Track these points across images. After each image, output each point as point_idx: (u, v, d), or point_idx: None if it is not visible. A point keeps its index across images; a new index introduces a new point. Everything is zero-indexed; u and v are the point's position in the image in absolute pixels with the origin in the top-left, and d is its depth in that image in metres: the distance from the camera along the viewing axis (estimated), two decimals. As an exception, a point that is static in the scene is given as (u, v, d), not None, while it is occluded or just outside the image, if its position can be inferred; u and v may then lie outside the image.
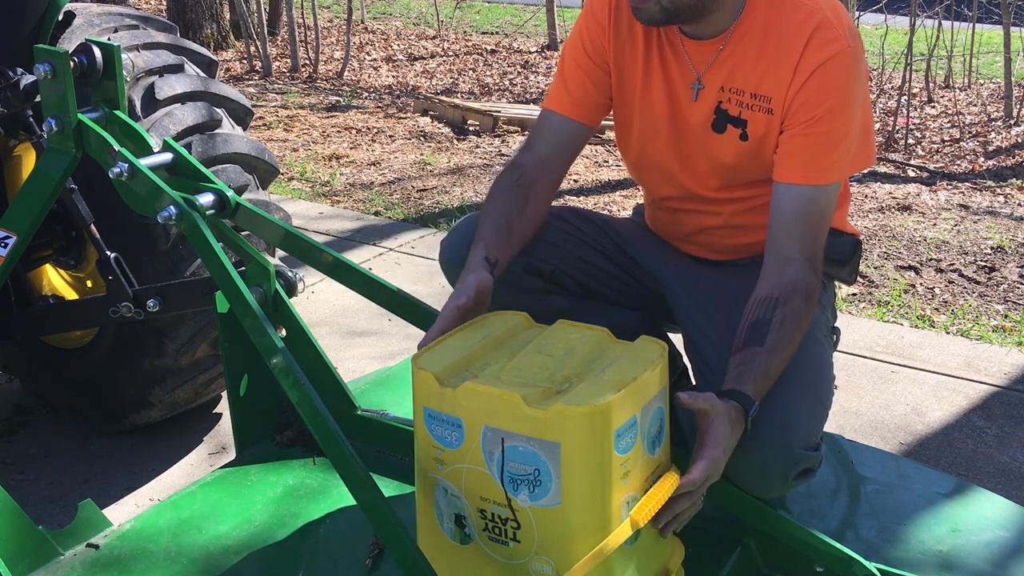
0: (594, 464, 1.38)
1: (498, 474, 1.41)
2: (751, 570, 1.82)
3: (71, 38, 2.49)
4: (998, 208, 5.08)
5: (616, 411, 1.37)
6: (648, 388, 1.46)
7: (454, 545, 1.53)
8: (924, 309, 3.85)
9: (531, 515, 1.41)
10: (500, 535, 1.45)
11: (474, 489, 1.45)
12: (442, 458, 1.48)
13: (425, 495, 1.54)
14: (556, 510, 1.39)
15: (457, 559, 1.52)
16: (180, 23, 9.11)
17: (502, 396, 1.39)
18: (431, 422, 1.48)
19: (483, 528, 1.47)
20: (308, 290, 3.87)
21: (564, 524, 1.39)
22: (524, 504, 1.41)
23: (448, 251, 1.95)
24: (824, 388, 1.76)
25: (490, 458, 1.42)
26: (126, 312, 2.40)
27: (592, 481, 1.38)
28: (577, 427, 1.35)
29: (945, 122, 6.84)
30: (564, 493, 1.38)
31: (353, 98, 7.96)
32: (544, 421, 1.36)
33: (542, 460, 1.38)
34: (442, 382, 1.44)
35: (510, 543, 1.44)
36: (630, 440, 1.42)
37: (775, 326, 1.65)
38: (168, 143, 1.90)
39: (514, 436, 1.39)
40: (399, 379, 2.55)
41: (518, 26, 11.45)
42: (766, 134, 1.79)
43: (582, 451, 1.37)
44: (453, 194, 5.40)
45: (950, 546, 1.86)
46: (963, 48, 7.70)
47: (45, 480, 2.67)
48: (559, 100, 1.94)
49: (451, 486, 1.49)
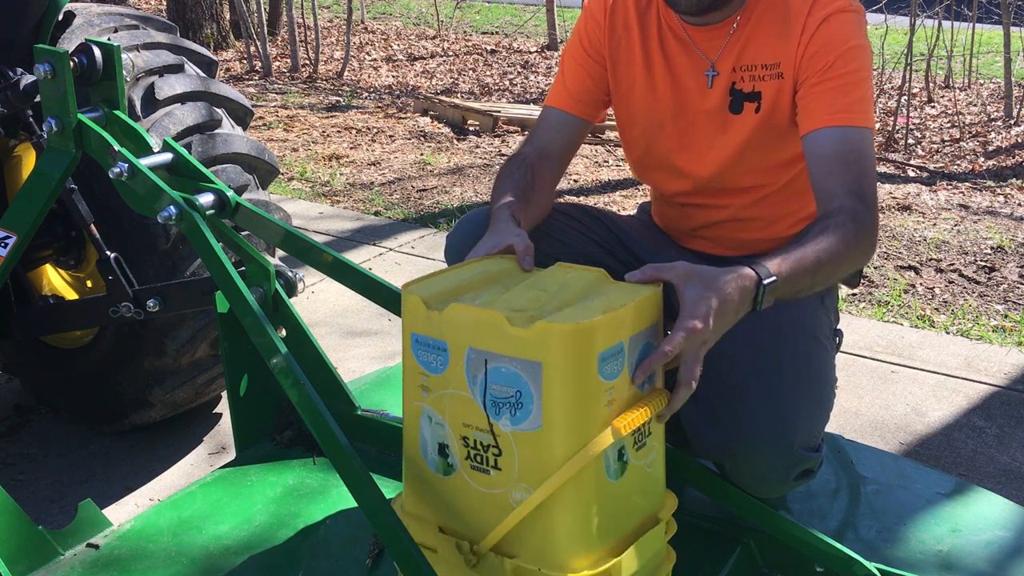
0: (576, 386, 1.35)
1: (481, 398, 1.40)
2: (751, 570, 1.82)
3: (71, 38, 2.49)
4: (998, 208, 5.08)
5: (600, 332, 1.35)
6: (638, 319, 1.42)
7: (438, 477, 1.50)
8: (924, 309, 3.85)
9: (512, 440, 1.38)
10: (482, 463, 1.43)
11: (457, 415, 1.44)
12: (427, 384, 1.47)
13: (411, 426, 1.52)
14: (537, 434, 1.36)
15: (441, 492, 1.50)
16: (180, 23, 9.11)
17: (486, 316, 1.38)
18: (417, 347, 1.47)
19: (465, 456, 1.44)
20: (308, 290, 3.87)
21: (545, 449, 1.37)
22: (506, 429, 1.39)
23: (454, 245, 1.95)
24: (825, 389, 1.76)
25: (473, 381, 1.40)
26: (126, 312, 2.40)
27: (574, 403, 1.36)
28: (559, 345, 1.33)
29: (945, 122, 6.84)
30: (545, 416, 1.35)
31: (353, 98, 7.96)
32: (527, 340, 1.34)
33: (524, 382, 1.36)
34: (429, 306, 1.43)
35: (491, 471, 1.42)
36: (616, 367, 1.39)
37: (815, 231, 1.59)
38: (168, 143, 1.90)
39: (497, 357, 1.37)
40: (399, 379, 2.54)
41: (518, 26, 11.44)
42: (778, 98, 1.80)
43: (564, 371, 1.34)
44: (453, 194, 5.40)
45: (950, 546, 1.86)
46: (963, 48, 7.70)
47: (45, 480, 2.67)
48: (558, 96, 1.99)
49: (435, 414, 1.47)
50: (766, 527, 1.76)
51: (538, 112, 2.07)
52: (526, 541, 1.41)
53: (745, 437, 1.66)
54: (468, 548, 1.45)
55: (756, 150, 1.86)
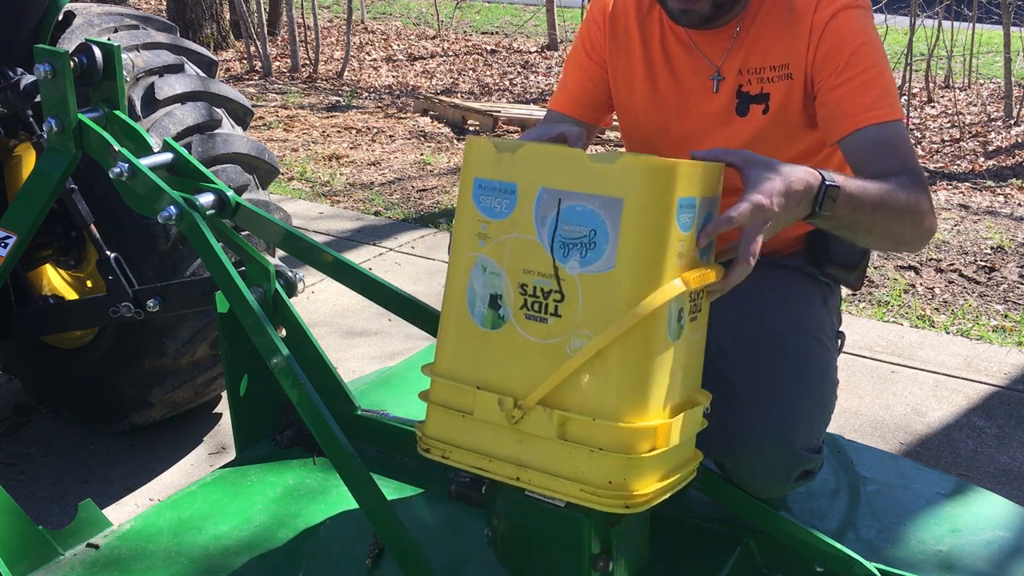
0: (655, 227, 1.33)
1: (548, 240, 1.37)
2: (751, 570, 1.82)
3: (71, 38, 2.49)
4: (998, 208, 5.08)
5: (681, 177, 1.34)
6: (706, 183, 1.41)
7: (483, 332, 1.44)
8: (924, 309, 3.85)
9: (578, 283, 1.35)
10: (539, 311, 1.39)
11: (518, 262, 1.40)
12: (486, 232, 1.43)
13: (458, 279, 1.47)
14: (607, 276, 1.34)
15: (485, 347, 1.44)
16: (180, 23, 9.11)
17: (565, 153, 1.37)
18: (480, 193, 1.43)
19: (521, 306, 1.40)
20: (308, 290, 3.87)
21: (614, 292, 1.33)
22: (572, 272, 1.36)
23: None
24: (827, 391, 1.76)
25: (542, 223, 1.38)
26: (126, 312, 2.40)
27: (649, 244, 1.34)
28: (643, 181, 1.32)
29: (945, 122, 6.84)
30: (619, 256, 1.33)
31: (353, 98, 7.96)
32: (609, 176, 1.33)
33: (600, 219, 1.34)
34: (500, 148, 1.41)
35: (549, 319, 1.38)
36: (688, 220, 1.38)
37: (879, 182, 1.57)
38: (168, 143, 1.90)
39: (573, 195, 1.35)
40: (399, 379, 2.55)
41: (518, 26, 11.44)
42: (788, 99, 1.79)
43: (645, 209, 1.32)
44: (453, 194, 5.40)
45: (950, 546, 1.86)
46: (963, 48, 7.70)
47: (45, 480, 2.67)
48: (559, 99, 1.99)
49: (491, 262, 1.43)
50: (766, 527, 1.76)
51: (538, 112, 2.07)
52: (579, 392, 1.37)
53: (746, 437, 1.66)
54: (511, 404, 1.39)
55: (761, 151, 1.86)
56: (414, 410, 2.30)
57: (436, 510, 1.98)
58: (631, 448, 1.34)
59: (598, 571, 1.54)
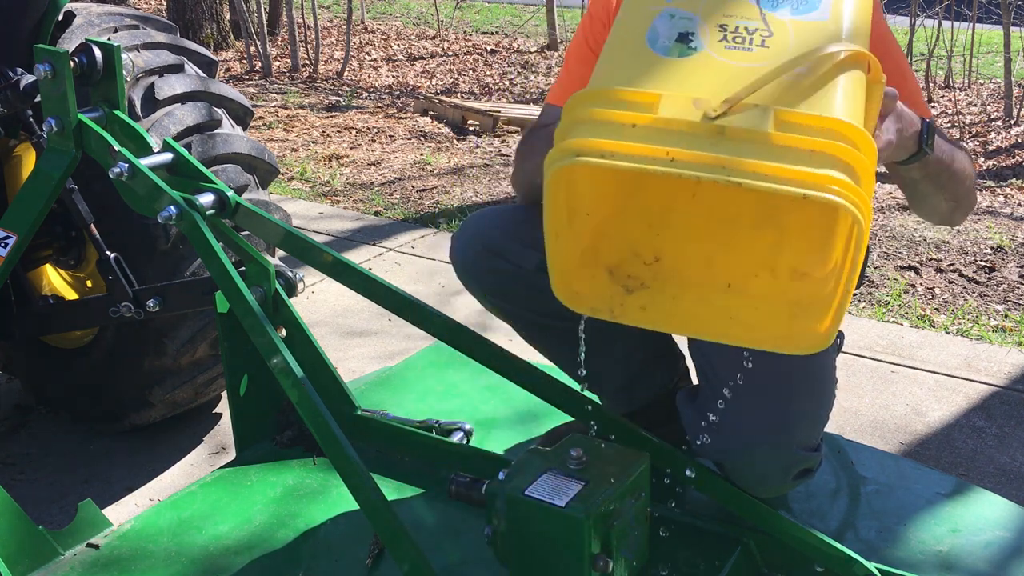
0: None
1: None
2: (751, 570, 1.83)
3: (71, 38, 2.49)
4: (998, 208, 5.08)
5: None
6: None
7: (664, 59, 1.28)
8: (924, 309, 3.85)
9: (789, 28, 1.29)
10: (743, 43, 1.27)
11: (716, 6, 1.30)
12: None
13: (636, 25, 1.33)
14: (820, 24, 1.28)
15: (668, 70, 1.27)
16: (180, 23, 9.11)
17: None
18: None
19: (720, 39, 1.28)
20: (308, 290, 3.87)
21: (827, 39, 1.26)
22: (783, 18, 1.29)
23: (460, 249, 1.94)
24: (825, 390, 1.76)
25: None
26: (126, 312, 2.40)
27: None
28: None
29: (945, 122, 6.84)
30: (832, 10, 1.29)
31: (353, 98, 7.96)
32: None
33: None
34: None
35: (755, 48, 1.26)
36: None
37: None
38: (168, 143, 1.90)
39: None
40: (399, 379, 2.55)
41: (518, 26, 11.44)
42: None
43: None
44: (453, 194, 5.40)
45: (950, 546, 1.86)
46: (963, 48, 7.69)
47: (45, 480, 2.67)
48: (560, 93, 1.94)
49: (681, 11, 1.31)
50: (766, 527, 1.76)
51: (539, 112, 2.05)
52: (795, 91, 1.22)
53: (744, 437, 1.66)
54: (712, 103, 1.20)
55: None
56: (414, 410, 2.31)
57: (436, 510, 1.98)
58: (851, 158, 1.18)
59: (598, 571, 1.54)
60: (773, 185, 1.14)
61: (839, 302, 1.30)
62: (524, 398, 2.01)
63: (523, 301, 1.90)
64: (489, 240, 1.89)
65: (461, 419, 2.15)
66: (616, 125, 1.21)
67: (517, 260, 1.88)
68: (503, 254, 1.88)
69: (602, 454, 1.68)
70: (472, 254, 1.90)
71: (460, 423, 2.13)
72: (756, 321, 1.42)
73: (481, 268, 1.91)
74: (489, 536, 1.65)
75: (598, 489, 1.57)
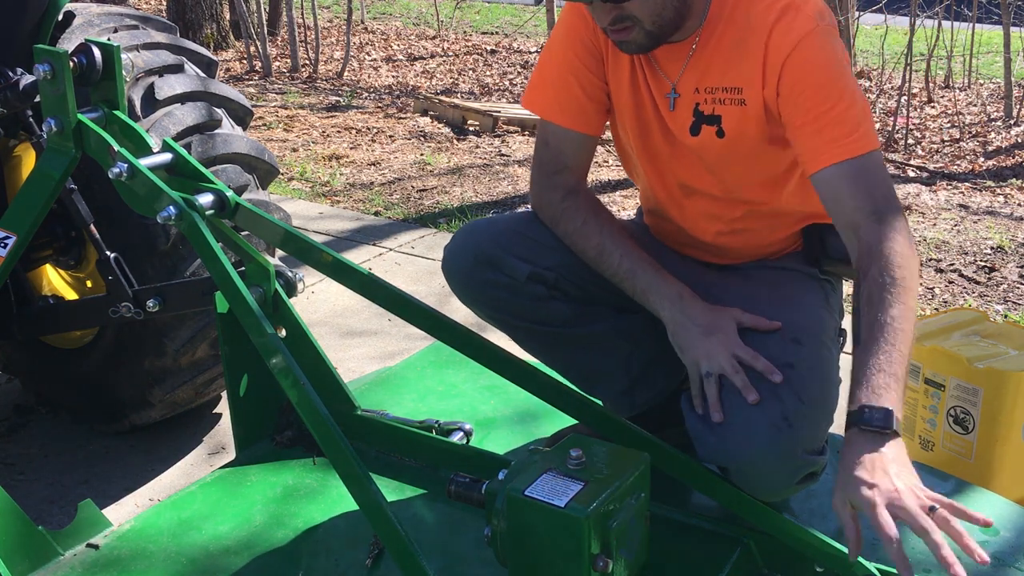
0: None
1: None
2: (751, 570, 1.82)
3: (71, 38, 2.49)
4: (998, 208, 5.08)
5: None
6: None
7: None
8: (924, 309, 3.85)
9: None
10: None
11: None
12: None
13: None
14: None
15: None
16: (180, 23, 9.11)
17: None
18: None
19: None
20: (308, 290, 3.87)
21: None
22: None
23: (451, 260, 1.95)
24: (829, 393, 1.75)
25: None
26: (126, 312, 2.40)
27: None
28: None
29: (945, 122, 6.84)
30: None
31: (353, 98, 7.96)
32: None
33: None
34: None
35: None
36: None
37: (875, 303, 1.54)
38: (168, 143, 1.90)
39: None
40: (399, 379, 2.55)
41: (518, 26, 11.44)
42: (742, 129, 1.75)
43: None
44: (453, 194, 5.40)
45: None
46: (963, 48, 7.69)
47: (45, 480, 2.67)
48: (553, 108, 1.92)
49: None
50: (766, 527, 1.76)
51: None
52: None
53: (748, 442, 1.65)
54: None
55: (726, 171, 1.82)
56: (414, 410, 2.31)
57: (435, 510, 1.98)
58: None
59: (598, 571, 1.54)
60: None
61: None
62: (524, 398, 2.01)
63: (517, 310, 1.90)
64: (480, 251, 1.90)
65: (461, 419, 2.15)
66: None
67: (510, 271, 1.88)
68: (495, 265, 1.88)
69: (602, 454, 1.68)
70: (465, 266, 1.91)
71: (460, 423, 2.13)
72: None
73: (474, 280, 1.91)
74: (489, 536, 1.65)
75: (598, 489, 1.57)
